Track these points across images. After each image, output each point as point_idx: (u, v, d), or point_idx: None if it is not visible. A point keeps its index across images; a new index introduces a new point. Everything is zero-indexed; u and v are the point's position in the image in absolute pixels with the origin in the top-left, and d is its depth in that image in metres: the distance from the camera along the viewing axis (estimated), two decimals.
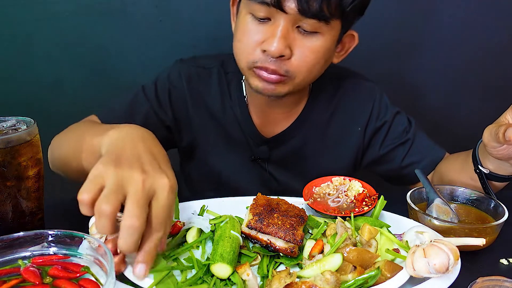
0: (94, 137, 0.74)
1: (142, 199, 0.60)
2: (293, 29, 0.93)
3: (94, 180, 0.61)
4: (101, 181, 0.61)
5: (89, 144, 0.75)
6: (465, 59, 1.69)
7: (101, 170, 0.62)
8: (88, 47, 1.59)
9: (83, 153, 0.78)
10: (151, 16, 1.56)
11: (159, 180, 0.63)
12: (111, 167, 0.62)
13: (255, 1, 0.91)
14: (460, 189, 0.97)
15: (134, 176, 0.61)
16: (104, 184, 0.61)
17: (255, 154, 1.19)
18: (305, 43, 0.94)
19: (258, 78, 0.99)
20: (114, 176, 0.61)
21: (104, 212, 0.58)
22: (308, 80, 1.03)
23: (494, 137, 0.85)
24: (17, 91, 1.64)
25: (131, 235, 0.59)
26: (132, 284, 0.67)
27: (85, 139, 0.77)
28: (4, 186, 0.77)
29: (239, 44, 0.99)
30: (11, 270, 0.61)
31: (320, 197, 0.93)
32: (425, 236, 0.72)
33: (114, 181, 0.60)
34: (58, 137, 1.02)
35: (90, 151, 0.75)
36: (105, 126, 0.83)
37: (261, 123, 1.18)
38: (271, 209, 0.78)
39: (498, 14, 1.63)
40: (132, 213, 0.59)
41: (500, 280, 0.67)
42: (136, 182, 0.61)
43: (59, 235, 0.63)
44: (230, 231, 0.74)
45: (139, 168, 0.63)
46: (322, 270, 0.68)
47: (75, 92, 1.60)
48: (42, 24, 1.55)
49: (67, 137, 0.98)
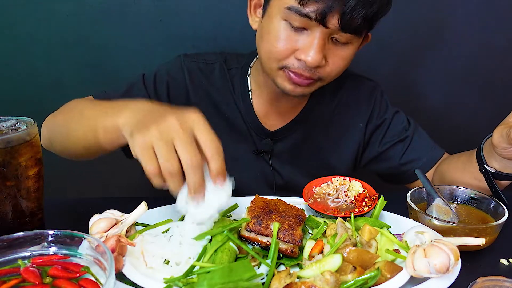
0: (106, 118, 0.79)
1: (187, 136, 0.69)
2: (328, 40, 0.96)
3: (144, 151, 0.68)
4: (149, 147, 0.68)
5: (102, 125, 0.80)
6: (465, 59, 1.69)
7: (142, 140, 0.69)
8: (88, 47, 1.59)
9: (100, 134, 0.80)
10: (151, 16, 1.56)
11: (189, 116, 0.72)
12: (147, 132, 0.69)
13: (298, 13, 0.91)
14: (460, 189, 0.97)
15: (168, 123, 0.69)
16: (153, 148, 0.68)
17: (259, 147, 1.20)
18: (338, 53, 0.98)
19: (288, 80, 1.01)
20: (155, 136, 0.68)
21: (171, 170, 0.67)
22: (332, 80, 1.05)
23: (506, 139, 0.87)
24: (17, 91, 1.64)
25: (196, 172, 0.68)
26: (132, 284, 0.67)
27: (97, 120, 0.82)
28: (4, 186, 0.77)
29: (271, 48, 0.99)
30: (11, 270, 0.61)
31: (320, 197, 0.93)
32: (425, 236, 0.72)
33: (159, 139, 0.68)
34: (57, 116, 1.01)
35: (108, 132, 0.79)
36: (110, 105, 0.85)
37: (265, 116, 1.19)
38: (269, 211, 0.77)
39: (498, 14, 1.63)
40: (187, 152, 0.67)
41: (500, 280, 0.67)
42: (173, 125, 0.69)
43: (59, 235, 0.63)
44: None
45: (166, 117, 0.70)
46: (322, 270, 0.68)
47: (75, 92, 1.59)
48: (42, 24, 1.55)
49: (69, 116, 0.98)
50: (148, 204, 0.78)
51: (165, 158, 0.68)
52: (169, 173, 0.68)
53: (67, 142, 0.95)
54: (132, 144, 0.71)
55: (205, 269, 0.68)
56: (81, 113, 0.94)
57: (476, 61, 1.69)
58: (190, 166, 0.68)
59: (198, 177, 0.70)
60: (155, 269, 0.71)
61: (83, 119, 0.90)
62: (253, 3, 1.08)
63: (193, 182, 0.69)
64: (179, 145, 0.68)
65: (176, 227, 0.79)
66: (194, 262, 0.70)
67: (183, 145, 0.68)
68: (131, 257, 0.72)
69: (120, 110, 0.78)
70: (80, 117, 0.93)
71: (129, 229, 0.77)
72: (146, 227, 0.81)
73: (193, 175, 0.69)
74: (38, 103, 1.59)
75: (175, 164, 0.68)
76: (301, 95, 1.06)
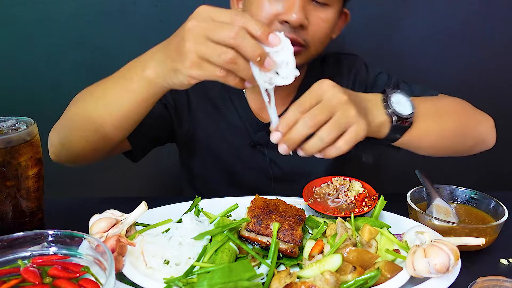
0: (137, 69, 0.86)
1: (211, 25, 0.71)
2: (308, 1, 1.01)
3: (202, 64, 0.72)
4: (201, 60, 0.72)
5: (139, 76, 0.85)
6: (465, 59, 1.69)
7: (190, 61, 0.73)
8: (88, 47, 1.59)
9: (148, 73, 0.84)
10: (151, 16, 1.56)
11: (197, 14, 0.74)
12: (185, 53, 0.73)
13: None
14: (460, 189, 0.97)
15: (190, 32, 0.72)
16: (203, 57, 0.72)
17: (254, 140, 1.21)
18: (318, 14, 1.03)
19: None
20: (192, 49, 0.72)
21: (227, 59, 0.70)
22: (318, 51, 1.09)
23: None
24: (17, 91, 1.64)
25: (244, 40, 0.70)
26: (132, 284, 0.67)
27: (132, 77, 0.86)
28: (4, 186, 0.77)
29: (256, 19, 1.01)
30: (11, 270, 0.61)
31: (320, 197, 0.93)
32: (425, 236, 0.72)
33: (197, 47, 0.72)
34: (68, 113, 0.98)
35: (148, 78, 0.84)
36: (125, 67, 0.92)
37: (259, 109, 1.21)
38: (269, 211, 0.77)
39: (498, 13, 1.63)
40: (222, 34, 0.70)
41: (500, 280, 0.67)
42: (195, 29, 0.72)
43: (59, 235, 0.63)
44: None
45: (184, 30, 0.74)
46: (322, 270, 0.68)
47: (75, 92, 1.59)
48: (42, 24, 1.55)
49: (88, 100, 0.97)
50: (148, 204, 0.78)
51: (215, 54, 0.70)
52: (227, 64, 0.70)
53: (81, 132, 0.94)
54: (184, 72, 0.75)
55: (205, 269, 0.68)
56: (103, 88, 0.94)
57: (476, 61, 1.69)
58: (234, 38, 0.69)
59: (249, 42, 0.69)
60: (155, 269, 0.71)
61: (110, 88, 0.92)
62: (235, 1, 1.14)
63: (250, 49, 0.69)
64: (213, 36, 0.70)
65: (176, 228, 0.79)
66: (194, 262, 0.70)
67: (216, 33, 0.70)
68: (131, 257, 0.72)
69: (145, 59, 0.85)
70: (91, 97, 0.95)
71: (129, 229, 0.77)
72: (146, 227, 0.81)
73: (244, 43, 0.69)
74: (38, 103, 1.59)
75: (227, 51, 0.69)
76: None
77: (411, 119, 0.89)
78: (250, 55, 0.70)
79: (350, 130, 0.78)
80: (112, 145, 0.98)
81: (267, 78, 0.75)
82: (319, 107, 0.77)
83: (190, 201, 0.90)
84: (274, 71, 0.74)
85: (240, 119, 1.21)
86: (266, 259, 0.72)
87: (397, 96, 0.90)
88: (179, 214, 0.86)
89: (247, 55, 0.70)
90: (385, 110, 0.87)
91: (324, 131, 0.76)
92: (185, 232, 0.77)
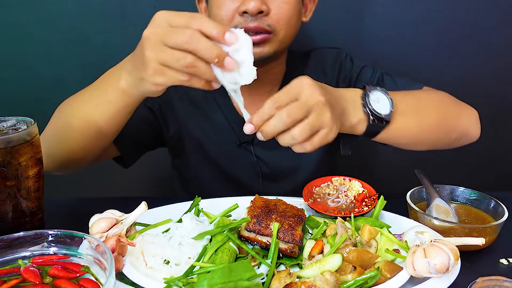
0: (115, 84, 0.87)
1: (167, 31, 0.72)
2: None
3: (163, 72, 0.73)
4: (162, 67, 0.73)
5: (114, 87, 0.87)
6: (465, 59, 1.69)
7: (152, 69, 0.74)
8: (88, 47, 1.59)
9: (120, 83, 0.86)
10: (151, 16, 1.55)
11: (155, 19, 0.74)
12: (145, 63, 0.74)
13: None
14: (460, 189, 0.97)
15: (147, 39, 0.74)
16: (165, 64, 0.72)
17: (240, 138, 1.21)
18: None
19: None
20: (152, 57, 0.73)
21: (184, 63, 0.70)
22: (289, 36, 1.08)
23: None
24: (17, 91, 1.64)
25: (199, 43, 0.70)
26: (132, 284, 0.67)
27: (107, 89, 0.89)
28: (4, 186, 0.76)
29: (218, 18, 1.04)
30: (11, 270, 0.61)
31: (320, 197, 0.93)
32: (425, 236, 0.72)
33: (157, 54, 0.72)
34: (51, 124, 1.01)
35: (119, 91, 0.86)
36: (100, 79, 0.95)
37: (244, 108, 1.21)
38: (269, 211, 0.77)
39: (498, 13, 1.63)
40: (176, 38, 0.71)
41: (500, 280, 0.67)
42: (151, 36, 0.73)
43: (59, 235, 0.63)
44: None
45: (142, 41, 0.75)
46: (322, 270, 0.68)
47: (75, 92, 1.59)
48: (42, 24, 1.55)
49: (65, 114, 1.00)
50: (148, 204, 0.78)
51: (173, 60, 0.70)
52: (187, 69, 0.71)
53: (64, 144, 0.96)
54: (149, 81, 0.76)
55: (205, 269, 0.68)
56: (81, 101, 0.97)
57: (476, 61, 1.69)
58: (188, 43, 0.69)
59: (204, 44, 0.69)
60: (155, 269, 0.71)
61: (85, 100, 0.95)
62: (201, 6, 1.18)
63: (206, 51, 0.69)
64: (168, 42, 0.70)
65: (176, 228, 0.79)
66: (194, 262, 0.70)
67: (171, 39, 0.70)
68: (131, 257, 0.72)
69: (118, 70, 0.86)
70: (71, 110, 0.96)
71: (129, 229, 0.78)
72: (146, 227, 0.81)
73: (199, 47, 0.69)
74: (38, 103, 1.58)
75: (185, 56, 0.70)
76: (265, 57, 1.06)
77: (389, 117, 0.89)
78: (207, 57, 0.70)
79: (320, 133, 0.79)
80: (96, 154, 1.00)
81: (231, 78, 0.73)
82: (296, 105, 0.76)
83: (190, 201, 0.90)
84: (237, 70, 0.73)
85: (225, 118, 1.22)
86: (266, 259, 0.73)
87: (377, 94, 0.90)
88: (179, 214, 0.86)
89: (204, 58, 0.70)
90: (363, 108, 0.88)
91: (296, 130, 0.77)
92: (185, 232, 0.77)
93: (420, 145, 1.03)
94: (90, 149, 0.99)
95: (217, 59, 0.70)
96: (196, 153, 1.26)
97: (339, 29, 1.60)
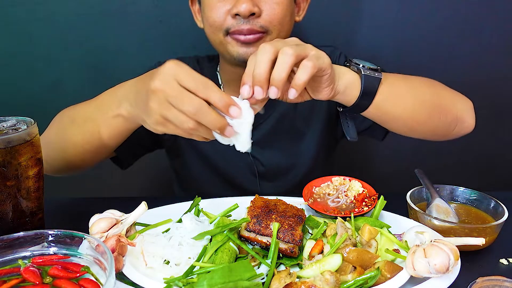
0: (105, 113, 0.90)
1: (176, 91, 0.71)
2: None
3: (163, 127, 0.76)
4: (163, 122, 0.74)
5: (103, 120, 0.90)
6: (465, 59, 1.69)
7: (153, 122, 0.76)
8: (88, 47, 1.59)
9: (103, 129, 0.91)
10: (151, 16, 1.56)
11: (166, 70, 0.73)
12: (150, 113, 0.75)
13: None
14: (460, 189, 0.97)
15: (155, 94, 0.73)
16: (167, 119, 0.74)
17: None
18: None
19: (237, 43, 1.05)
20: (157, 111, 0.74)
21: (186, 128, 0.72)
22: (282, 35, 1.08)
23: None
24: (17, 91, 1.64)
25: (205, 114, 0.71)
26: (132, 284, 0.67)
27: (96, 118, 0.92)
28: (4, 186, 0.76)
29: (209, 20, 1.05)
30: (11, 270, 0.61)
31: (320, 197, 0.93)
32: (425, 236, 0.72)
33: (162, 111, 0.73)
34: (48, 132, 1.03)
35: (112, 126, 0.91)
36: (98, 101, 0.95)
37: None
38: (269, 211, 0.77)
39: (498, 13, 1.63)
40: (182, 105, 0.71)
41: (500, 280, 0.67)
42: (160, 90, 0.72)
43: (59, 235, 0.63)
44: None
45: (150, 87, 0.73)
46: (322, 270, 0.68)
47: (75, 92, 1.59)
48: (42, 24, 1.55)
49: (60, 127, 1.01)
50: (148, 204, 0.78)
51: (177, 121, 0.71)
52: (188, 131, 0.73)
53: (64, 154, 0.99)
54: (150, 126, 0.78)
55: (205, 269, 0.68)
56: (73, 119, 0.98)
57: (476, 61, 1.69)
58: (194, 114, 0.70)
59: (209, 117, 0.70)
60: (155, 269, 0.71)
61: (78, 123, 0.95)
62: (195, 8, 1.18)
63: (210, 123, 0.71)
64: (175, 105, 0.71)
65: (176, 228, 0.79)
66: (194, 262, 0.70)
67: (178, 104, 0.70)
68: (131, 257, 0.72)
69: (120, 97, 0.87)
70: (73, 123, 0.98)
71: (129, 229, 0.78)
72: (146, 227, 0.81)
73: (204, 119, 0.70)
74: (38, 103, 1.59)
75: (189, 121, 0.71)
76: None
77: (380, 75, 0.89)
78: (210, 127, 0.72)
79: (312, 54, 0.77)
80: (95, 162, 1.03)
81: (228, 140, 0.75)
82: (292, 47, 0.74)
83: (190, 201, 0.90)
84: (235, 137, 0.74)
85: None
86: (266, 259, 0.73)
87: (360, 61, 0.92)
88: (179, 214, 0.86)
89: (207, 126, 0.72)
90: (353, 68, 0.90)
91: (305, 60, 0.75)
92: (185, 232, 0.77)
93: (415, 125, 1.00)
94: (90, 159, 1.01)
95: (218, 131, 0.72)
96: (193, 154, 1.26)
97: (334, 28, 1.60)
